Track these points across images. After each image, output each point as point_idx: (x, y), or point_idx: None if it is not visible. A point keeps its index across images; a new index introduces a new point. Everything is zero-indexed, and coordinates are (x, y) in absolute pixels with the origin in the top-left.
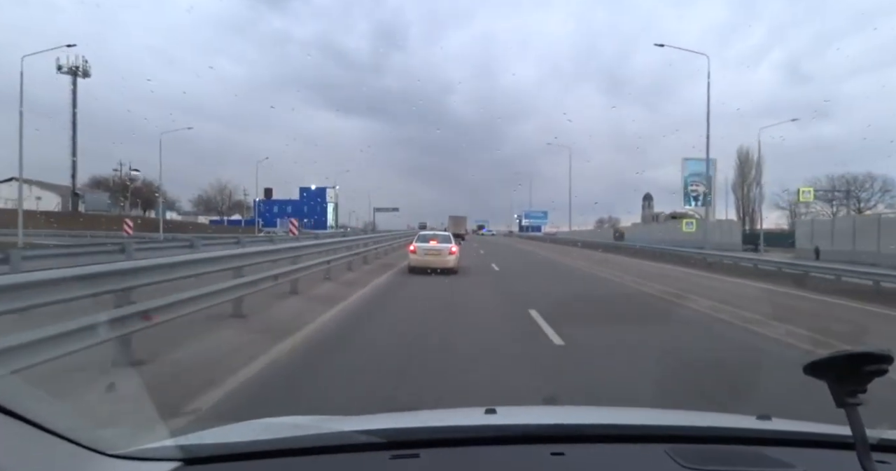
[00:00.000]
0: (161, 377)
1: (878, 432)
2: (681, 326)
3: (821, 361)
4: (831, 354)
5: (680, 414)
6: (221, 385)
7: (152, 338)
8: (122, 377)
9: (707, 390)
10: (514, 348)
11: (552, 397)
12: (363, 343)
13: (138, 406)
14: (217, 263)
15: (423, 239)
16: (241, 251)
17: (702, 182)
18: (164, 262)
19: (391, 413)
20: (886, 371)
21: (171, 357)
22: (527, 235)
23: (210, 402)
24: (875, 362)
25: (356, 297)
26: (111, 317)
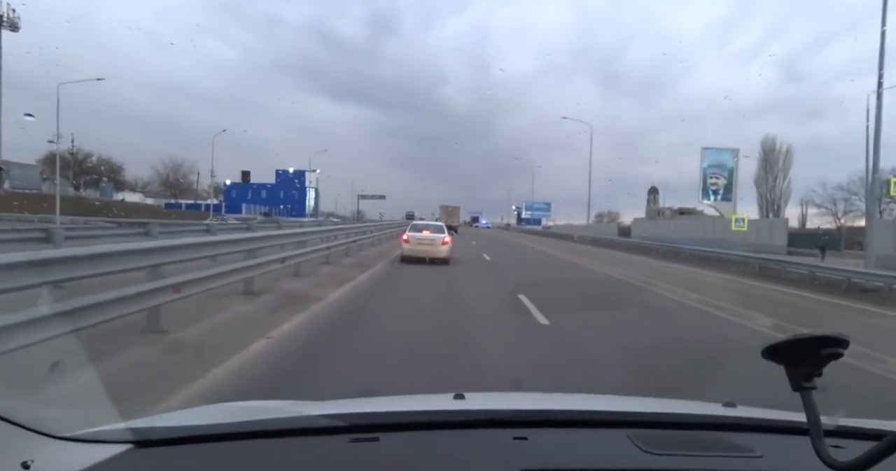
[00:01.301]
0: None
1: (834, 418)
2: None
3: (778, 344)
4: (789, 337)
5: (645, 401)
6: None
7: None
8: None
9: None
10: None
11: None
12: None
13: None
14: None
15: (416, 229)
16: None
17: (723, 174)
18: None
19: (358, 398)
20: (841, 355)
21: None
22: (526, 229)
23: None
24: (831, 345)
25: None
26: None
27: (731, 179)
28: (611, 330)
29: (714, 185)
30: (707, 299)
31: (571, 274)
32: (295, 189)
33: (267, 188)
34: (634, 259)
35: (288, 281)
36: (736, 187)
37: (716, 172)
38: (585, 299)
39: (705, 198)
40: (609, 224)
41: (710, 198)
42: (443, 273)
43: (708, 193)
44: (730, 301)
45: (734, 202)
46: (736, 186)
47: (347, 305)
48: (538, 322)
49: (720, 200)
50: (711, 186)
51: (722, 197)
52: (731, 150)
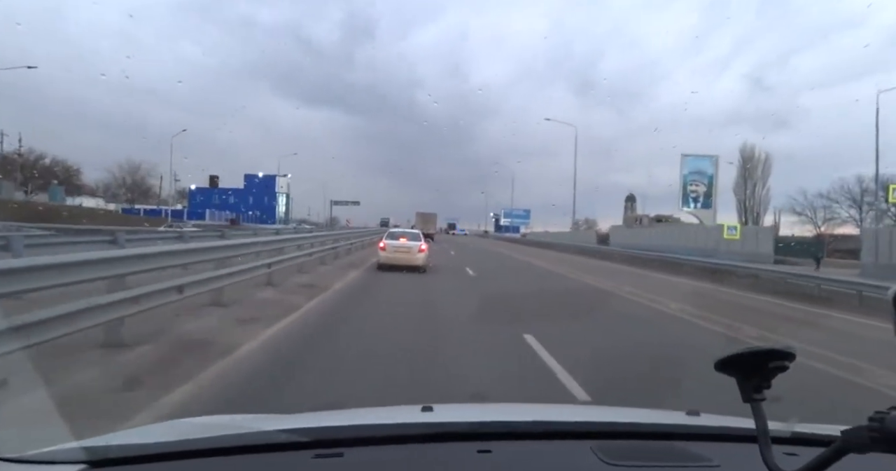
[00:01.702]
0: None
1: (790, 425)
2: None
3: (729, 358)
4: (739, 350)
5: (610, 411)
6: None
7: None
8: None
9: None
10: None
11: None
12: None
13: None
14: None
15: (392, 236)
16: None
17: (702, 182)
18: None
19: (323, 412)
20: (788, 367)
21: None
22: (504, 237)
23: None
24: (779, 358)
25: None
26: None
27: (710, 187)
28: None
29: (694, 192)
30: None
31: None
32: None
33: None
34: (636, 272)
35: (187, 321)
36: (716, 195)
37: (696, 179)
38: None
39: (685, 205)
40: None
41: (690, 205)
42: (425, 310)
43: (688, 201)
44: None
45: (714, 210)
46: (716, 193)
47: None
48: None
49: (700, 207)
50: (691, 194)
51: (702, 204)
52: (711, 157)
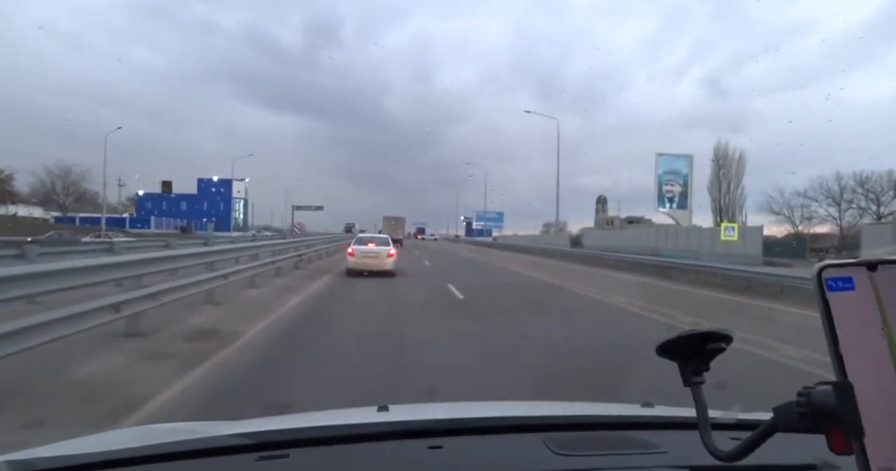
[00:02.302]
0: None
1: (733, 412)
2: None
3: (669, 341)
4: (679, 334)
5: (564, 405)
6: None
7: None
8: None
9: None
10: None
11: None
12: None
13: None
14: None
15: (361, 242)
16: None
17: (678, 182)
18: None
19: (274, 416)
20: (725, 349)
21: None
22: (476, 241)
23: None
24: (716, 340)
25: None
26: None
27: (686, 187)
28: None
29: (669, 192)
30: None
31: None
32: (221, 200)
33: (188, 199)
34: (635, 281)
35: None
36: (691, 195)
37: (671, 179)
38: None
39: (661, 205)
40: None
41: (665, 205)
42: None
43: (664, 201)
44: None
45: (690, 210)
46: (691, 193)
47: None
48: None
49: (676, 207)
50: (667, 194)
51: (677, 204)
52: (686, 156)
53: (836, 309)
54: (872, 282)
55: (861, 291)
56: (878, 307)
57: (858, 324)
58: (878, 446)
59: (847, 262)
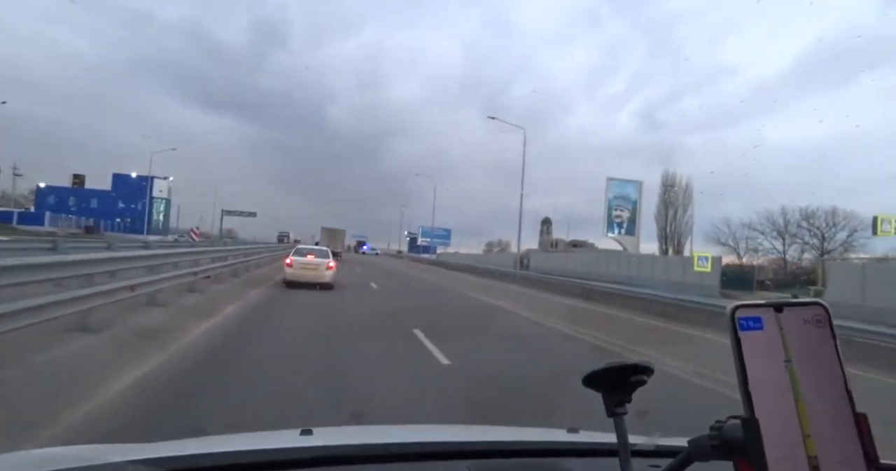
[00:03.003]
0: None
1: (653, 439)
2: None
3: (594, 373)
4: (603, 366)
5: (490, 429)
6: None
7: None
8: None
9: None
10: None
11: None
12: None
13: None
14: None
15: (300, 253)
16: None
17: (627, 207)
18: None
19: (189, 439)
20: (646, 382)
21: None
22: (421, 258)
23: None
24: (638, 372)
25: None
26: None
27: (634, 213)
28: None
29: (619, 217)
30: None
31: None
32: (138, 199)
33: (99, 196)
34: (671, 329)
35: None
36: (639, 221)
37: (620, 204)
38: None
39: (610, 231)
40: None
41: (614, 231)
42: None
43: (612, 226)
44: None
45: (637, 236)
46: (639, 219)
47: None
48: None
49: (624, 233)
50: (616, 219)
51: (626, 230)
52: (635, 182)
53: (746, 347)
54: (779, 322)
55: (769, 331)
56: (783, 347)
57: (765, 362)
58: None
59: (757, 303)
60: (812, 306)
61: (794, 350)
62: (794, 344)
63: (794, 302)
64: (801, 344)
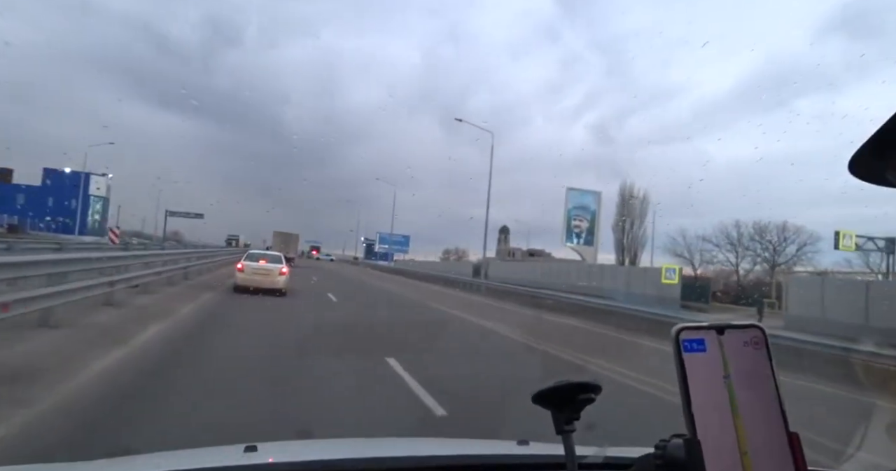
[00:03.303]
0: None
1: (603, 450)
2: None
3: (544, 391)
4: (553, 384)
5: (438, 442)
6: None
7: None
8: None
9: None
10: None
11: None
12: None
13: None
14: None
15: (252, 258)
16: None
17: (586, 217)
18: None
19: (127, 457)
20: (594, 399)
21: None
22: (378, 265)
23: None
24: (586, 391)
25: None
26: None
27: (593, 223)
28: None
29: (577, 227)
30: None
31: None
32: (72, 197)
33: (26, 192)
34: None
35: None
36: (598, 231)
37: (579, 214)
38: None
39: (568, 240)
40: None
41: (573, 241)
42: None
43: (571, 236)
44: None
45: (596, 247)
46: (598, 229)
47: None
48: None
49: (583, 243)
50: (575, 229)
51: (584, 241)
52: (594, 192)
53: (689, 369)
54: (720, 345)
55: (711, 353)
56: (724, 369)
57: (708, 383)
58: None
59: (700, 325)
60: (750, 329)
61: (733, 371)
62: (733, 365)
63: (734, 325)
64: (740, 365)
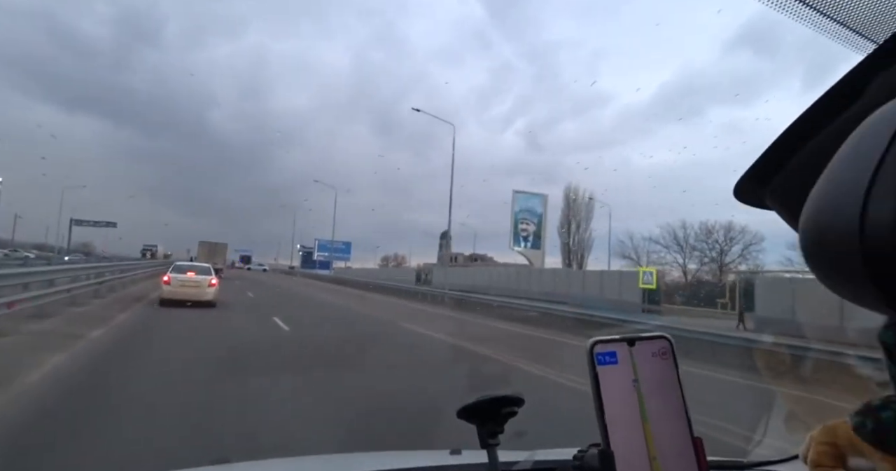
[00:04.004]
0: None
1: (533, 454)
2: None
3: (468, 406)
4: (477, 398)
5: (371, 456)
6: None
7: None
8: None
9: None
10: None
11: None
12: None
13: None
14: None
15: (179, 270)
16: None
17: (532, 221)
18: None
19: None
20: (517, 412)
21: None
22: (317, 275)
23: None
24: (511, 404)
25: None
26: None
27: (540, 226)
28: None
29: (524, 231)
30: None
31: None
32: None
33: None
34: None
35: None
36: (545, 235)
37: (526, 217)
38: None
39: (516, 244)
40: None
41: (520, 244)
42: None
43: (519, 240)
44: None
45: (543, 250)
46: (545, 233)
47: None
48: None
49: (530, 247)
50: (522, 233)
51: (531, 244)
52: (541, 195)
53: (603, 381)
54: (631, 356)
55: (623, 365)
56: (634, 380)
57: (619, 394)
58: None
59: (612, 338)
60: (658, 340)
61: (642, 380)
62: (642, 375)
63: (644, 336)
64: (648, 374)
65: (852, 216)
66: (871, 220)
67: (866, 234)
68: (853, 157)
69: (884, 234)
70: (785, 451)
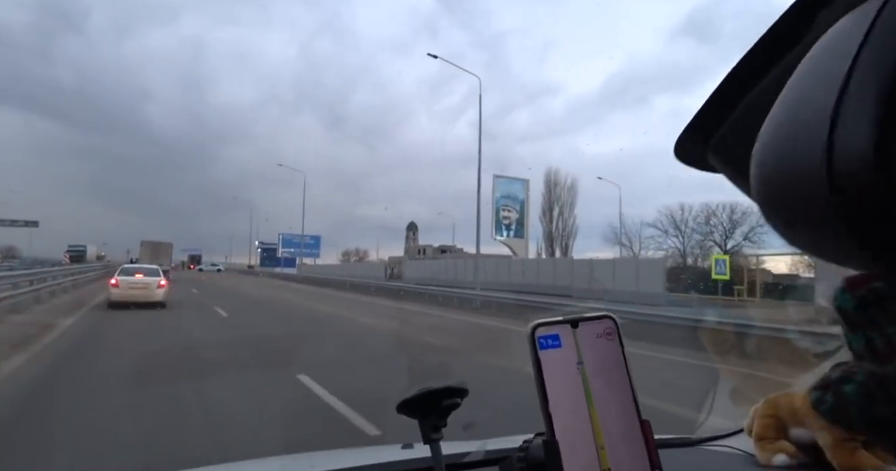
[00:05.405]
0: None
1: (484, 444)
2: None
3: (408, 399)
4: (417, 391)
5: (321, 455)
6: None
7: None
8: None
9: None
10: None
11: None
12: None
13: None
14: None
15: (127, 272)
16: None
17: (514, 208)
18: None
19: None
20: (459, 404)
21: None
22: (282, 274)
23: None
24: (452, 395)
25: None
26: None
27: (522, 213)
28: None
29: (507, 219)
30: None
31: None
32: None
33: None
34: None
35: None
36: (527, 222)
37: (508, 203)
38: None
39: (498, 233)
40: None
41: (502, 233)
42: None
43: (501, 228)
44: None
45: (526, 239)
46: (527, 220)
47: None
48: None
49: (513, 236)
50: (504, 221)
51: (514, 233)
52: (522, 180)
53: (546, 367)
54: (575, 339)
55: (566, 349)
56: (579, 363)
57: (563, 378)
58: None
59: (554, 320)
60: (603, 320)
61: (587, 363)
62: (587, 357)
63: (587, 317)
64: (593, 356)
65: (816, 143)
66: (840, 147)
67: (835, 163)
68: (811, 81)
69: (855, 161)
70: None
